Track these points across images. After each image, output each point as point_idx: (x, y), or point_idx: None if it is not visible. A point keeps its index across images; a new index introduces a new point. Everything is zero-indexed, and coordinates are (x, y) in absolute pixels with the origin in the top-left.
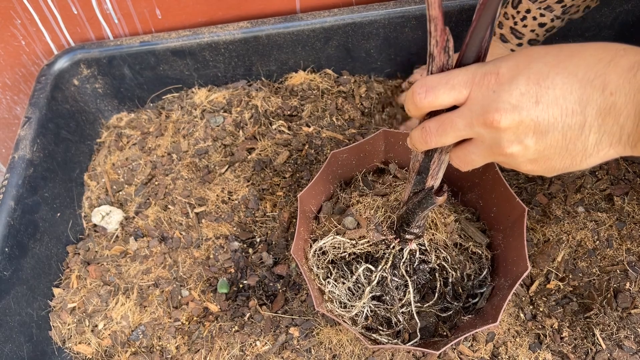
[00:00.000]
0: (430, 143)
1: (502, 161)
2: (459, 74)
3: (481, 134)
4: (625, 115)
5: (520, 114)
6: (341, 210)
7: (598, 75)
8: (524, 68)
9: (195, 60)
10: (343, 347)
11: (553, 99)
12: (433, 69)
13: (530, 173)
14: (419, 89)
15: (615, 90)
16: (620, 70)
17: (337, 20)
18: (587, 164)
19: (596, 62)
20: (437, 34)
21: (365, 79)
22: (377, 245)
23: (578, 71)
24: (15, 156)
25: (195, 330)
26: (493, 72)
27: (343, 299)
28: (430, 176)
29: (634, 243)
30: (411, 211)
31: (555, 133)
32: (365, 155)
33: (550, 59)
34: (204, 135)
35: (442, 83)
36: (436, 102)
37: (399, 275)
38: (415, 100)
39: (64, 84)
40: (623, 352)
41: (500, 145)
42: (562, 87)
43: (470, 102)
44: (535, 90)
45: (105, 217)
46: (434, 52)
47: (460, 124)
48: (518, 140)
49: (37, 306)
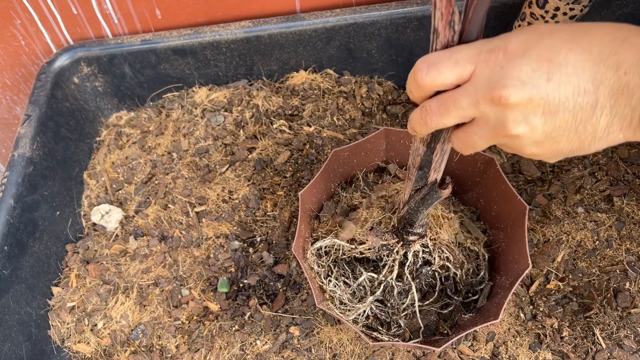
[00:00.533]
0: (431, 124)
1: (506, 143)
2: (462, 49)
3: (486, 113)
4: (637, 97)
5: (531, 91)
6: (344, 212)
7: (612, 54)
8: (535, 43)
9: (196, 59)
10: (343, 347)
11: (565, 77)
12: (437, 46)
13: (534, 157)
14: (420, 65)
15: (629, 69)
16: (635, 49)
17: (339, 20)
18: (595, 148)
19: (611, 40)
20: (442, 5)
21: (366, 79)
22: (378, 251)
23: (592, 48)
24: (15, 154)
25: (195, 329)
26: (501, 47)
27: (344, 299)
28: (433, 169)
29: (633, 243)
30: (414, 210)
31: (565, 113)
32: (367, 154)
33: (563, 35)
34: (205, 135)
35: (445, 58)
36: (439, 79)
37: (403, 281)
38: (417, 77)
39: (64, 82)
40: (623, 351)
41: (505, 126)
42: (575, 64)
43: (476, 79)
44: (547, 67)
45: (104, 216)
46: (438, 26)
47: (464, 101)
48: (525, 120)
49: (36, 305)
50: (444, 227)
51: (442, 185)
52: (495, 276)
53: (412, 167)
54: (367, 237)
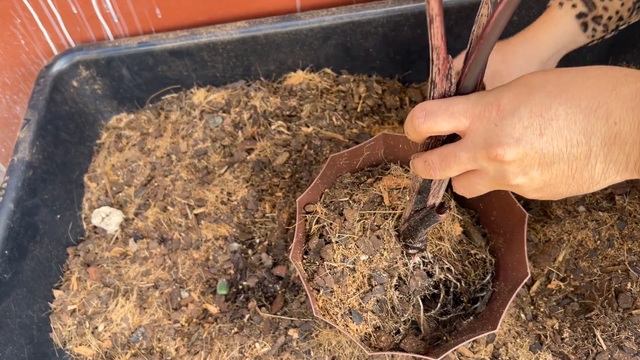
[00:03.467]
0: (434, 176)
1: (508, 189)
2: (459, 102)
3: (485, 167)
4: (630, 144)
5: (525, 147)
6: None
7: (601, 105)
8: (525, 99)
9: (193, 61)
10: (342, 349)
11: (557, 131)
12: (434, 94)
13: (537, 199)
14: (418, 112)
15: (619, 119)
16: (623, 98)
17: (335, 19)
18: (594, 189)
19: (599, 91)
20: (440, 62)
21: (364, 78)
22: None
23: (581, 101)
24: (15, 159)
25: (195, 331)
26: (494, 104)
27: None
28: (431, 195)
29: (635, 243)
30: (413, 228)
31: (560, 164)
32: (365, 159)
33: (552, 88)
34: (203, 136)
35: (442, 109)
36: (434, 128)
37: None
38: (414, 124)
39: (62, 86)
40: (624, 353)
41: (505, 177)
42: (565, 117)
43: (473, 135)
44: (539, 122)
45: (105, 218)
46: (435, 79)
47: (464, 157)
48: (523, 172)
49: (38, 308)
50: (445, 238)
51: (441, 210)
52: (494, 282)
53: (412, 190)
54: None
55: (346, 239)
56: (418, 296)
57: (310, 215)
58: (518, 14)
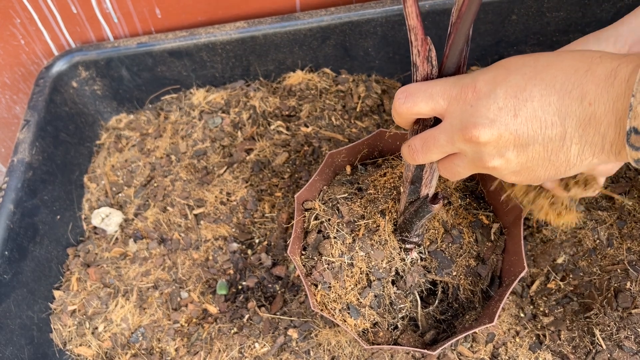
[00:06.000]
0: (418, 160)
1: (486, 172)
2: (437, 84)
3: (463, 149)
4: (605, 125)
5: (499, 129)
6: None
7: (576, 86)
8: (501, 81)
9: (192, 61)
10: (342, 349)
11: (532, 112)
12: (417, 77)
13: (516, 182)
14: (399, 94)
15: (593, 100)
16: (597, 79)
17: (334, 19)
18: (572, 172)
19: (573, 72)
20: (418, 43)
21: (364, 77)
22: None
23: (555, 82)
24: (14, 159)
25: (195, 332)
26: (470, 85)
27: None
28: (424, 185)
29: (634, 242)
30: (409, 220)
31: (535, 146)
32: (363, 156)
33: (528, 70)
34: (202, 137)
35: (421, 90)
36: (414, 109)
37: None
38: (395, 105)
39: (62, 87)
40: (623, 352)
41: (482, 159)
42: (540, 99)
43: (450, 117)
44: (513, 104)
45: (105, 219)
46: (416, 61)
47: (442, 139)
48: (499, 154)
49: (38, 309)
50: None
51: (434, 200)
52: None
53: (405, 181)
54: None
55: (344, 234)
56: (416, 292)
57: (308, 212)
58: (517, 13)
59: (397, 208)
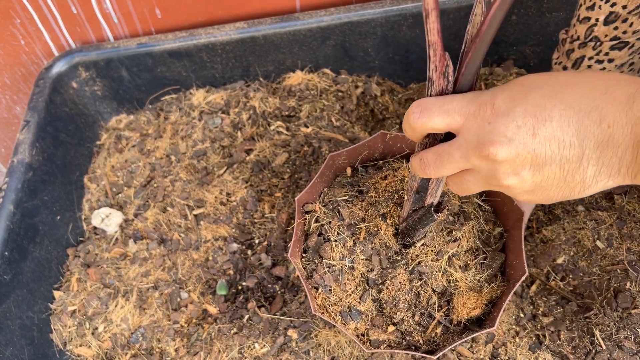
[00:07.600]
0: (429, 174)
1: (499, 190)
2: (454, 99)
3: (477, 166)
4: (623, 148)
5: (517, 147)
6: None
7: (594, 108)
8: (520, 99)
9: (192, 62)
10: (342, 349)
11: (550, 132)
12: (432, 92)
13: (528, 202)
14: (414, 108)
15: (612, 122)
16: (617, 102)
17: (333, 19)
18: (585, 194)
19: (593, 94)
20: (437, 59)
21: (363, 78)
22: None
23: (574, 103)
24: (15, 160)
25: (194, 332)
26: (489, 103)
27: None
28: (429, 194)
29: (634, 242)
30: (411, 227)
31: (552, 166)
32: (363, 158)
33: (547, 90)
34: (202, 137)
35: (437, 106)
36: (429, 124)
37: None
38: (409, 119)
39: (62, 87)
40: (623, 352)
41: (496, 177)
42: (559, 119)
43: (466, 133)
44: (532, 123)
45: (105, 219)
46: (432, 76)
47: (457, 155)
48: (515, 172)
49: (38, 309)
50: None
51: (439, 209)
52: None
53: (410, 190)
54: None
55: (345, 237)
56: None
57: (309, 214)
58: (517, 13)
59: (398, 212)
